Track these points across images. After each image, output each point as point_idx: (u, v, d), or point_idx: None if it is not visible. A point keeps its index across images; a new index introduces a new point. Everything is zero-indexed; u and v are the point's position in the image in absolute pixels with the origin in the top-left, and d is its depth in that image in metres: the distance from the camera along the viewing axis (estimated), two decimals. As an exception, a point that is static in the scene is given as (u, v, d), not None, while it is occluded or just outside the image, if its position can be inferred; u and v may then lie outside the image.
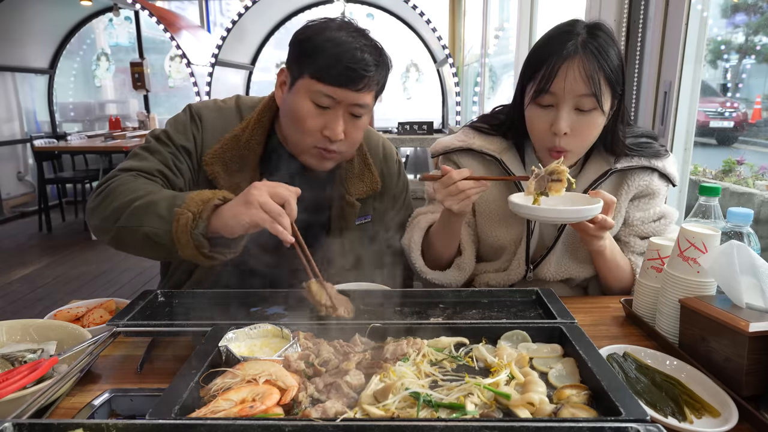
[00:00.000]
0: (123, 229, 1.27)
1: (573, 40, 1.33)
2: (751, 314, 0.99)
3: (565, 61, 1.32)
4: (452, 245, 1.53)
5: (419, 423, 0.77)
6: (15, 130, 7.98)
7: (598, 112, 1.35)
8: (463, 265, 1.54)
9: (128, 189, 1.31)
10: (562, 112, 1.35)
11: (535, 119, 1.41)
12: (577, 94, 1.33)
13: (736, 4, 3.06)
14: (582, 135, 1.38)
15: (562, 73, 1.32)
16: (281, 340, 1.07)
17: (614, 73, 1.34)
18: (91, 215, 1.36)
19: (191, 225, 1.19)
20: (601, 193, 1.34)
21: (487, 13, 5.89)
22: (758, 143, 3.54)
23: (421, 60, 8.49)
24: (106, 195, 1.33)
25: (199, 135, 1.49)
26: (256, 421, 0.77)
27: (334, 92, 1.34)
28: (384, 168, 1.68)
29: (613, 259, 1.45)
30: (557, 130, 1.36)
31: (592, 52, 1.31)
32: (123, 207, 1.28)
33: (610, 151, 1.48)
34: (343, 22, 1.40)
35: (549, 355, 1.03)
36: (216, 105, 1.56)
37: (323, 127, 1.38)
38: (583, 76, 1.31)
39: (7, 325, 1.15)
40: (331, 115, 1.37)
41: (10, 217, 7.43)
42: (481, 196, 1.57)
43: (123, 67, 8.75)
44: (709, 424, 0.89)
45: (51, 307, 1.39)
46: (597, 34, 1.34)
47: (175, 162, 1.45)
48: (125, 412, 0.95)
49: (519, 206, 1.31)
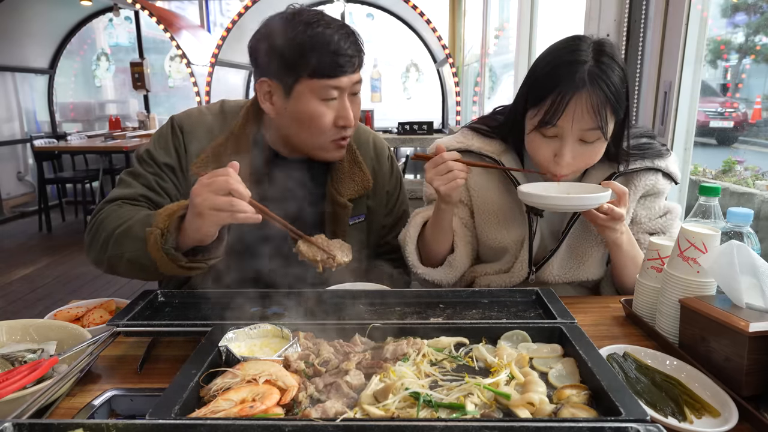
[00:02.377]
0: (111, 258, 1.32)
1: (580, 71, 1.28)
2: (751, 314, 0.99)
3: (573, 98, 1.29)
4: (445, 240, 1.53)
5: (419, 423, 0.77)
6: (15, 130, 7.98)
7: (601, 141, 1.35)
8: (454, 263, 1.54)
9: (112, 219, 1.35)
10: (566, 145, 1.34)
11: (538, 148, 1.39)
12: (583, 129, 1.31)
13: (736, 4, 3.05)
14: (584, 162, 1.39)
15: (570, 110, 1.29)
16: (281, 340, 1.07)
17: (618, 99, 1.31)
18: (87, 251, 1.40)
19: (160, 241, 1.20)
20: (613, 184, 1.35)
21: (487, 13, 5.89)
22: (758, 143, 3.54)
23: (421, 60, 8.48)
24: (96, 230, 1.37)
25: (181, 147, 1.49)
26: (256, 421, 0.77)
27: (338, 82, 1.36)
28: (376, 165, 1.67)
29: (629, 252, 1.43)
30: (562, 162, 1.35)
31: (599, 85, 1.28)
32: (108, 237, 1.32)
33: (613, 159, 1.48)
34: (303, 10, 1.38)
35: (549, 355, 1.03)
36: (200, 113, 1.56)
37: (336, 118, 1.40)
38: (590, 111, 1.29)
39: (7, 325, 1.15)
40: (339, 104, 1.40)
41: (10, 217, 7.43)
42: (480, 197, 1.57)
43: (123, 67, 8.75)
44: (709, 424, 0.89)
45: (51, 307, 1.39)
46: (602, 60, 1.30)
47: (159, 182, 1.46)
48: (125, 412, 0.95)
49: (527, 194, 1.33)
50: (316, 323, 1.12)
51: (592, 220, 1.37)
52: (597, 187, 1.37)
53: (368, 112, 7.01)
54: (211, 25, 9.02)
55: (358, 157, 1.61)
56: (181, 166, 1.49)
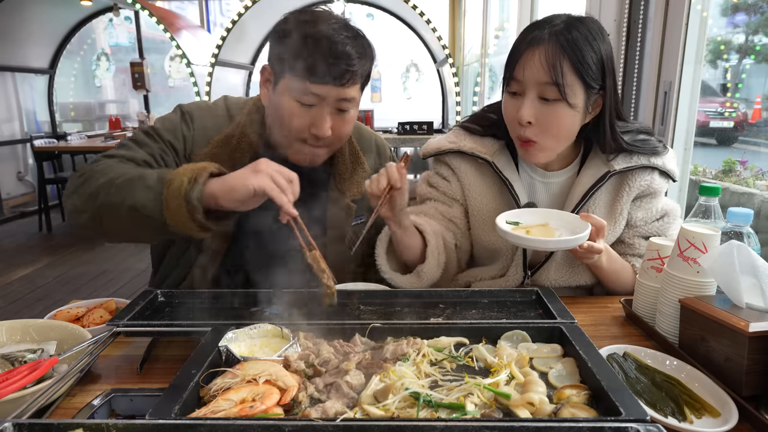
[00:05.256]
0: (103, 205, 1.24)
1: (544, 28, 1.32)
2: (751, 314, 0.99)
3: (528, 47, 1.32)
4: (409, 254, 1.46)
5: (419, 423, 0.77)
6: (15, 130, 7.97)
7: (563, 104, 1.32)
8: (422, 274, 1.45)
9: (114, 171, 1.28)
10: (525, 100, 1.35)
11: (505, 107, 1.42)
12: (539, 82, 1.31)
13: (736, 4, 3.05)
14: (547, 126, 1.35)
15: (524, 60, 1.32)
16: (281, 340, 1.07)
17: (585, 66, 1.30)
18: (70, 196, 1.31)
19: (186, 187, 1.17)
20: (591, 217, 1.32)
21: (487, 13, 5.90)
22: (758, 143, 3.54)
23: (421, 60, 8.48)
24: (89, 176, 1.30)
25: (189, 135, 1.48)
26: (256, 421, 0.77)
27: (318, 90, 1.32)
28: (378, 166, 1.67)
29: (611, 269, 1.44)
30: (519, 118, 1.35)
31: (559, 42, 1.29)
32: (105, 186, 1.25)
33: (603, 149, 1.46)
34: (324, 13, 1.37)
35: (549, 355, 1.03)
36: (206, 105, 1.55)
37: (310, 124, 1.36)
38: (544, 63, 1.29)
39: (7, 325, 1.15)
40: (317, 112, 1.35)
41: (10, 217, 7.42)
42: (475, 198, 1.55)
43: (123, 67, 8.75)
44: (709, 424, 0.89)
45: (51, 307, 1.38)
46: (576, 26, 1.31)
47: (163, 156, 1.43)
48: (125, 412, 0.95)
49: (505, 233, 1.31)
50: (316, 323, 1.12)
51: (571, 251, 1.35)
52: (575, 218, 1.36)
53: (368, 112, 7.01)
54: (211, 25, 9.03)
55: (361, 158, 1.61)
56: (185, 153, 1.47)
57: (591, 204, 1.48)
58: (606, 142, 1.43)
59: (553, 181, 1.53)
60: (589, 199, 1.45)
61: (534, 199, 1.54)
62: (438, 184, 1.62)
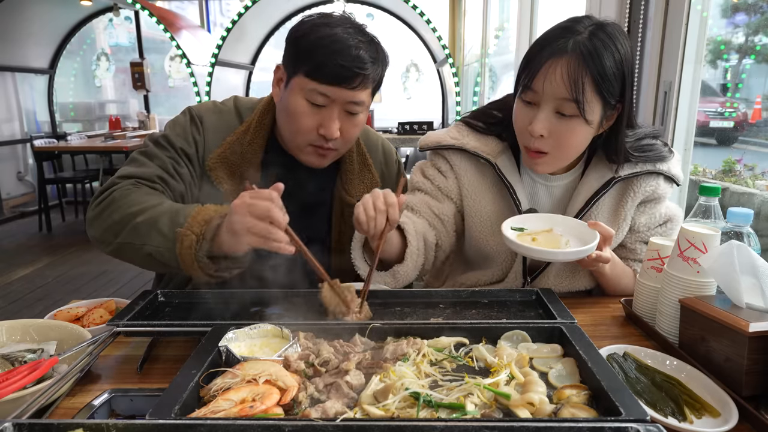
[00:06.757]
0: (125, 244, 1.27)
1: (568, 38, 1.25)
2: (751, 314, 0.99)
3: (549, 59, 1.25)
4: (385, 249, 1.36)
5: (419, 423, 0.77)
6: (15, 130, 7.98)
7: (580, 121, 1.28)
8: (398, 275, 1.42)
9: (129, 201, 1.29)
10: (540, 113, 1.30)
11: (517, 114, 1.37)
12: (557, 97, 1.26)
13: (736, 4, 3.06)
14: (560, 141, 1.32)
15: (545, 71, 1.26)
16: (281, 340, 1.07)
17: (607, 83, 1.25)
18: (90, 225, 1.34)
19: (195, 247, 1.17)
20: (600, 225, 1.29)
21: (487, 13, 5.90)
22: (758, 143, 3.54)
23: (421, 60, 8.48)
24: (106, 205, 1.32)
25: (200, 138, 1.48)
26: (256, 421, 0.77)
27: (328, 91, 1.34)
28: (384, 169, 1.68)
29: (613, 274, 1.42)
30: (531, 131, 1.31)
31: (582, 54, 1.22)
32: (125, 221, 1.26)
33: (609, 158, 1.42)
34: (341, 17, 1.39)
35: (549, 355, 1.03)
36: (216, 107, 1.55)
37: (318, 125, 1.38)
38: (565, 79, 1.24)
39: (7, 325, 1.15)
40: (326, 113, 1.37)
41: (10, 217, 7.42)
42: (473, 200, 1.52)
43: (123, 67, 8.74)
44: (709, 424, 0.89)
45: (51, 307, 1.38)
46: (600, 36, 1.24)
47: (175, 167, 1.44)
48: (125, 412, 0.95)
49: (512, 242, 1.28)
50: (316, 323, 1.12)
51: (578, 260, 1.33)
52: (580, 224, 1.34)
53: (368, 112, 7.00)
54: (211, 25, 9.01)
55: (368, 159, 1.62)
56: (198, 156, 1.47)
57: (594, 209, 1.45)
58: (615, 153, 1.39)
59: (555, 184, 1.50)
60: (593, 205, 1.43)
61: (536, 202, 1.52)
62: (433, 176, 1.57)
